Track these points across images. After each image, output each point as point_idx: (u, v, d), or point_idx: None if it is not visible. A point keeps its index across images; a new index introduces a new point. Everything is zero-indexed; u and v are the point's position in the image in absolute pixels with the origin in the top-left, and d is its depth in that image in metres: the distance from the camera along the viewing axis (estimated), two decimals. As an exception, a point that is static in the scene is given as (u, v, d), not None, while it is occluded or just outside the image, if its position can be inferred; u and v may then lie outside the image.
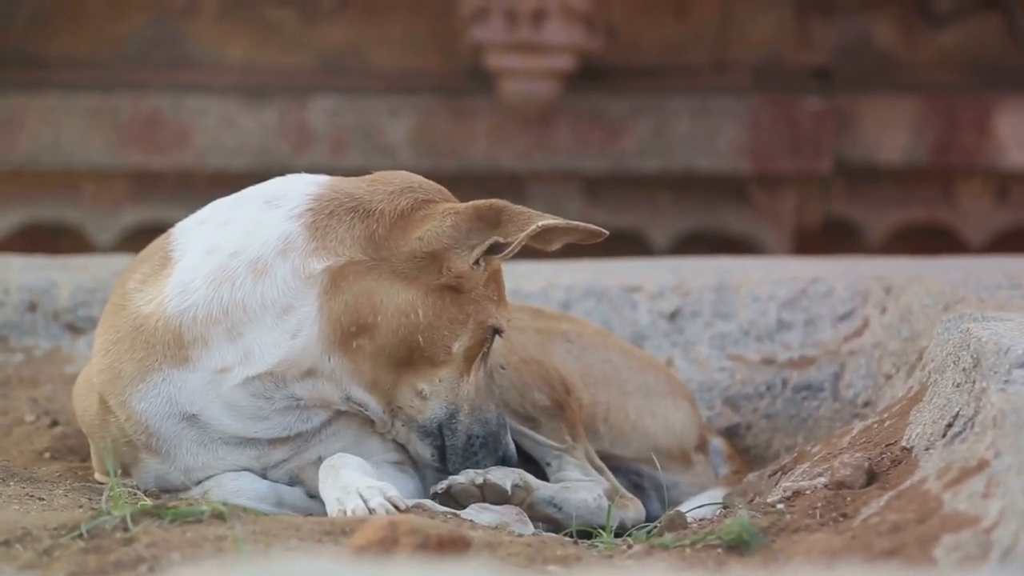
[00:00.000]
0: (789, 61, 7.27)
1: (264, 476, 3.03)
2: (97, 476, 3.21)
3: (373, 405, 2.99)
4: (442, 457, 3.05)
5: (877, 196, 7.22)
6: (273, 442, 3.01)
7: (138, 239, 7.03)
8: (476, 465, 3.05)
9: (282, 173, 3.10)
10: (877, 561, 2.45)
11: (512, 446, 3.14)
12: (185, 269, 2.97)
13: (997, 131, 7.06)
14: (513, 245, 2.98)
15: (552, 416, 3.26)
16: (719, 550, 2.68)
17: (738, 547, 2.67)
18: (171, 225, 3.11)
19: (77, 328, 4.05)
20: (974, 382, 2.87)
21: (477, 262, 2.98)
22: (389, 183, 3.03)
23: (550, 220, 3.00)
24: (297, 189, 3.01)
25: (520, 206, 3.03)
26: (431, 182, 3.09)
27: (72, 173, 7.09)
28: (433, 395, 2.99)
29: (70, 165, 7.04)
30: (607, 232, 3.08)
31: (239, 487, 2.99)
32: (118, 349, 2.99)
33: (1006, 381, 2.75)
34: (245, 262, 2.93)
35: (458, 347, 2.99)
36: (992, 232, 7.18)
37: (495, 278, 3.06)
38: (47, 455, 3.51)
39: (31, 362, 3.96)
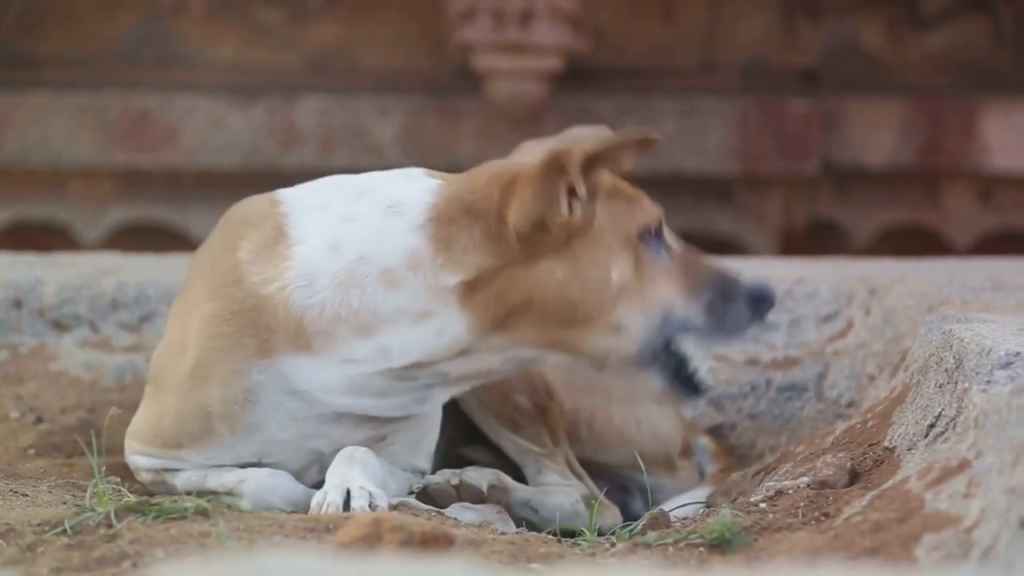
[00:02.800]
0: (776, 63, 7.27)
1: (324, 456, 2.98)
2: (143, 449, 3.11)
3: (552, 359, 2.97)
4: (678, 378, 2.98)
5: (863, 198, 7.23)
6: (372, 420, 2.98)
7: (125, 237, 7.03)
8: (741, 316, 3.00)
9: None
10: (858, 560, 2.46)
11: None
12: (308, 260, 2.91)
13: (983, 134, 7.07)
14: (581, 194, 2.89)
15: (533, 420, 3.26)
16: (702, 549, 2.69)
17: (720, 546, 2.68)
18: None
19: (63, 325, 4.04)
20: (956, 383, 2.88)
21: (571, 208, 2.90)
22: (476, 178, 2.99)
23: (594, 144, 2.92)
24: (415, 198, 2.94)
25: (571, 142, 2.99)
26: (500, 160, 3.09)
27: (60, 172, 7.07)
28: (626, 325, 2.93)
29: (58, 164, 7.03)
30: (659, 135, 3.02)
31: (275, 485, 2.96)
32: (239, 321, 2.93)
33: (988, 382, 2.75)
34: (375, 271, 2.89)
35: (618, 274, 2.93)
36: (977, 234, 7.19)
37: (613, 193, 2.98)
38: (31, 452, 3.51)
39: (16, 359, 3.96)
